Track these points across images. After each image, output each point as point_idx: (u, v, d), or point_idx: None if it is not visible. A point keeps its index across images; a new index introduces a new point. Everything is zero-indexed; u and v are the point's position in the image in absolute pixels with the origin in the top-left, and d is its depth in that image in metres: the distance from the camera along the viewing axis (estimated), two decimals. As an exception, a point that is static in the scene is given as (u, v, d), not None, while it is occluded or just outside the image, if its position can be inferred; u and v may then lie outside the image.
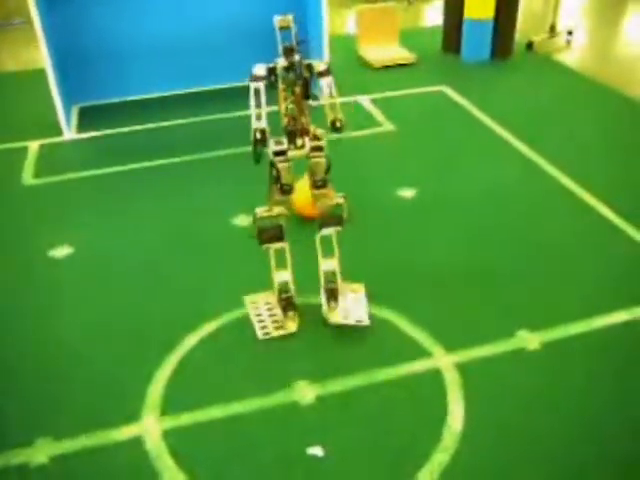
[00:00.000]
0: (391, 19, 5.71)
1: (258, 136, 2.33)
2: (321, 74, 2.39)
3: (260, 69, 2.37)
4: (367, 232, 3.24)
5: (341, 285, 2.71)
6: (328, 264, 2.68)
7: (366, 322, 2.63)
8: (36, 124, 4.54)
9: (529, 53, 5.68)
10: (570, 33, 6.03)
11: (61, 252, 3.17)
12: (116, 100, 4.92)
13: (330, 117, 2.39)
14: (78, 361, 2.53)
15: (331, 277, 2.68)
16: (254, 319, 2.69)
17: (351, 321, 2.64)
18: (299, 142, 2.43)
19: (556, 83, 5.08)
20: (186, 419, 2.26)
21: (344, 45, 5.81)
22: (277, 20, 2.39)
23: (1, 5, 7.64)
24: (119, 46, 4.72)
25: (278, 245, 2.63)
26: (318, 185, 2.51)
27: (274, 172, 2.44)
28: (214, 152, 4.07)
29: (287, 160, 2.42)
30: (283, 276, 2.68)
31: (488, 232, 3.22)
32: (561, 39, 6.00)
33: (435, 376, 2.39)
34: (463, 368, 2.42)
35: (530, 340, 2.54)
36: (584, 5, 7.35)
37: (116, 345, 2.60)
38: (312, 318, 2.69)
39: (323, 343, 2.57)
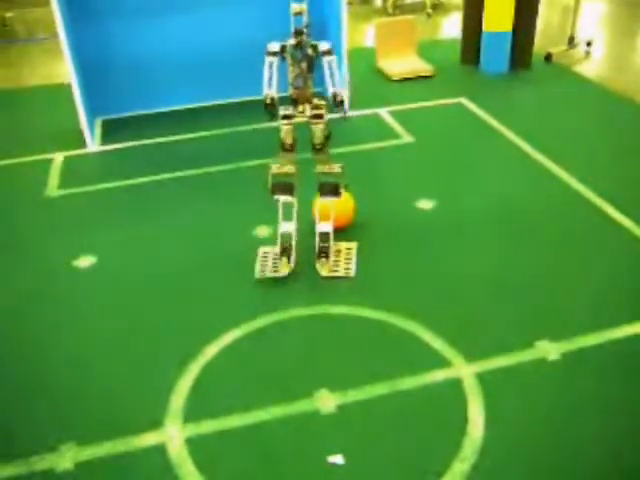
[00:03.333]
0: (409, 31, 5.75)
1: (268, 101, 2.80)
2: (324, 53, 2.83)
3: (274, 46, 2.82)
4: (386, 243, 3.26)
5: (337, 244, 3.13)
6: (323, 226, 3.04)
7: (352, 274, 2.98)
8: (60, 137, 4.62)
9: (548, 64, 5.68)
10: (589, 44, 6.03)
11: (85, 262, 3.22)
12: (139, 113, 4.99)
13: (331, 91, 2.82)
14: (101, 368, 2.57)
15: (325, 237, 3.04)
16: (258, 262, 3.06)
17: (340, 274, 2.99)
18: (300, 108, 2.87)
19: (575, 94, 5.08)
20: (208, 427, 2.29)
21: (363, 57, 5.85)
22: (293, 6, 2.78)
23: (25, 22, 7.80)
24: (142, 60, 4.80)
25: (287, 198, 2.96)
26: (317, 149, 2.91)
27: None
28: (236, 164, 4.11)
29: (290, 123, 2.85)
30: (287, 227, 3.03)
31: (507, 243, 3.23)
32: (580, 50, 6.00)
33: (455, 385, 2.40)
34: (483, 378, 2.42)
35: (550, 350, 2.54)
36: (603, 16, 7.35)
37: (138, 353, 2.64)
38: (332, 330, 2.72)
39: (343, 353, 2.59)
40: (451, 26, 7.19)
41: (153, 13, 4.67)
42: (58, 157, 4.35)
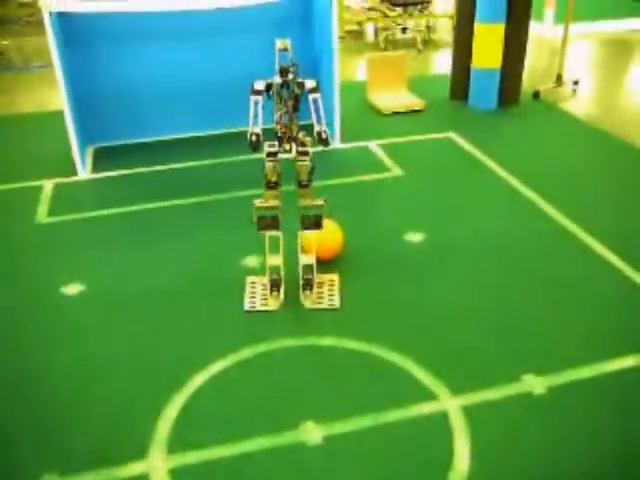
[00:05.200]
0: (400, 66, 5.84)
1: (253, 139, 2.80)
2: (311, 90, 2.84)
3: (259, 84, 2.82)
4: (374, 275, 3.27)
5: (320, 276, 3.16)
6: (306, 259, 3.06)
7: (337, 305, 3.02)
8: (51, 164, 4.63)
9: (535, 102, 5.78)
10: (576, 83, 6.14)
11: (73, 289, 3.21)
12: (130, 142, 5.02)
13: (316, 128, 2.86)
14: (86, 397, 2.55)
15: (308, 269, 3.06)
16: (247, 294, 3.09)
17: (324, 305, 3.01)
18: (287, 147, 2.89)
19: (561, 131, 5.16)
20: (192, 457, 2.27)
21: (355, 91, 5.94)
22: (277, 43, 2.78)
23: (19, 50, 7.87)
24: (134, 89, 4.85)
25: (273, 232, 2.98)
26: (302, 185, 2.92)
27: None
28: (227, 194, 4.14)
29: (274, 161, 2.85)
30: (275, 260, 3.06)
31: (494, 277, 3.25)
32: (567, 88, 6.11)
33: (441, 419, 2.40)
34: (469, 411, 2.42)
35: (536, 384, 2.55)
36: (589, 56, 7.50)
37: (125, 382, 2.62)
38: (319, 362, 2.72)
39: (330, 384, 2.59)
40: (441, 62, 7.32)
41: (147, 43, 4.74)
42: (48, 184, 4.35)
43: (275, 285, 3.06)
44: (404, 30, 8.28)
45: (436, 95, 5.90)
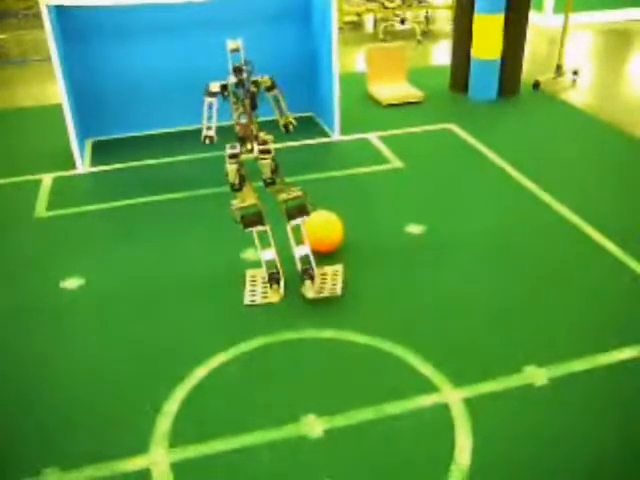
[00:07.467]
0: (400, 58, 5.82)
1: (207, 142, 2.91)
2: (268, 89, 2.86)
3: (214, 86, 2.82)
4: (375, 267, 3.26)
5: (323, 267, 3.14)
6: (301, 250, 3.03)
7: (338, 293, 3.00)
8: (50, 158, 4.62)
9: (535, 92, 5.76)
10: (575, 73, 6.12)
11: (72, 283, 3.20)
12: (129, 135, 5.01)
13: (282, 122, 2.92)
14: (87, 392, 2.55)
15: (305, 260, 3.02)
16: (247, 288, 3.08)
17: (326, 294, 2.99)
18: (249, 146, 2.84)
19: (561, 121, 5.14)
20: (194, 451, 2.27)
21: (354, 83, 5.91)
22: (229, 43, 2.76)
23: (18, 44, 7.84)
24: (133, 82, 4.83)
25: (260, 228, 2.99)
26: (267, 183, 2.87)
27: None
28: (226, 187, 4.11)
29: (236, 162, 2.82)
30: (268, 254, 3.06)
31: (496, 268, 3.25)
32: (566, 79, 6.09)
33: (443, 411, 2.40)
34: (471, 403, 2.42)
35: (538, 376, 2.54)
36: (589, 46, 7.47)
37: (126, 376, 2.62)
38: (320, 355, 2.71)
39: (331, 377, 2.59)
40: (441, 53, 7.29)
41: (144, 37, 4.71)
42: (47, 178, 4.34)
43: (274, 279, 3.05)
44: (403, 21, 8.24)
45: (436, 86, 5.88)
